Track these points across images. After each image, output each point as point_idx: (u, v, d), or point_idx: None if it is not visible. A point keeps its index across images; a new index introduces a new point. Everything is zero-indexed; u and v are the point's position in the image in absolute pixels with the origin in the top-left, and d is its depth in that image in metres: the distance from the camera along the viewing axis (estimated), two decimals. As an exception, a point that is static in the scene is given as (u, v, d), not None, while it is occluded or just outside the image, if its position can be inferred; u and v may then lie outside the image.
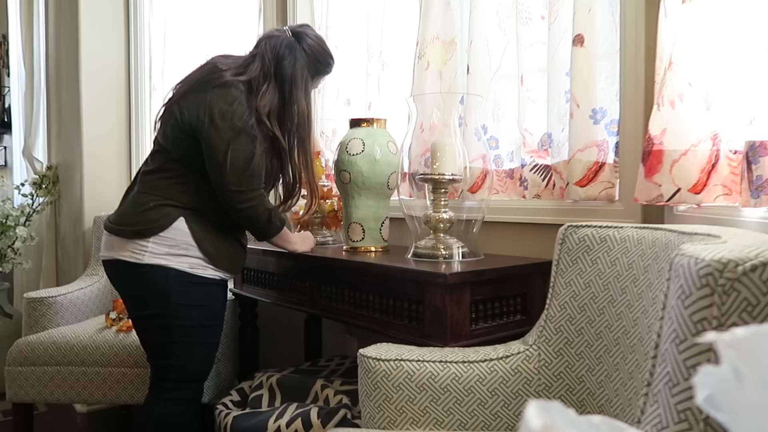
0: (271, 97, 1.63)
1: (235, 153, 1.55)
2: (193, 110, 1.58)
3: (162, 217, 1.59)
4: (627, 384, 1.12)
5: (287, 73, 1.65)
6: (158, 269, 1.59)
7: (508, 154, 1.83)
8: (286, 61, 1.65)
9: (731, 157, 1.24)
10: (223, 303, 1.75)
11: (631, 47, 1.47)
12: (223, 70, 1.63)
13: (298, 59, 1.67)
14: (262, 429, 1.63)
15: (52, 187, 3.35)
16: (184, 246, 1.61)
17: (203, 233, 1.63)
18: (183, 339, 1.63)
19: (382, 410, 1.28)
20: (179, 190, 1.62)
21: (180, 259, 1.61)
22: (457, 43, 1.92)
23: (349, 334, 2.40)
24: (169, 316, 1.60)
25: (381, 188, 1.82)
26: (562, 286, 1.30)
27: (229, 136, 1.55)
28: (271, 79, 1.64)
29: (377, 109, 2.24)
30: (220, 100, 1.57)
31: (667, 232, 1.08)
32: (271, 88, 1.64)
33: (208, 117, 1.55)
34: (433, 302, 1.41)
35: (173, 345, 1.63)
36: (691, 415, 0.70)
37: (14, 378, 2.15)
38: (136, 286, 1.63)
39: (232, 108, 1.56)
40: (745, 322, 0.70)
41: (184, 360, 1.64)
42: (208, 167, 1.59)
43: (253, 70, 1.64)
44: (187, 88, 1.64)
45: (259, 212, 1.63)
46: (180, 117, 1.59)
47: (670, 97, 1.26)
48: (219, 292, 1.72)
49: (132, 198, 1.67)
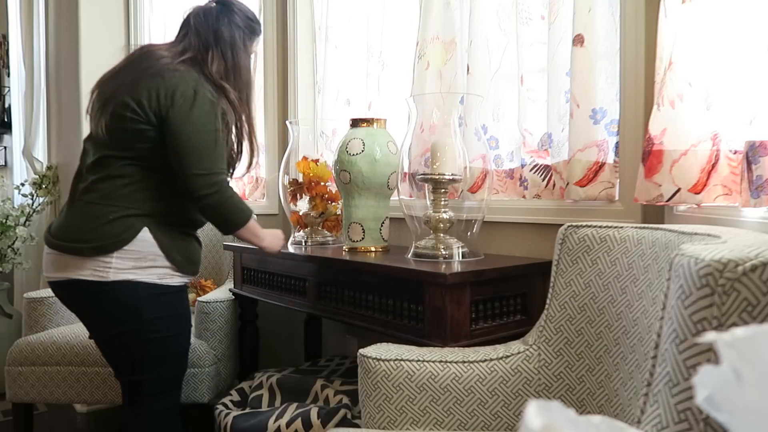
0: (218, 63, 1.60)
1: (199, 133, 1.49)
2: (150, 99, 1.48)
3: (125, 230, 1.49)
4: (627, 384, 1.12)
5: (226, 38, 1.62)
6: (126, 285, 1.50)
7: (508, 154, 1.83)
8: (223, 26, 1.62)
9: (731, 157, 1.24)
10: (189, 307, 1.69)
11: (631, 47, 1.47)
12: (164, 54, 1.57)
13: (233, 21, 1.64)
14: (262, 429, 1.63)
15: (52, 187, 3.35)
16: (152, 257, 1.53)
17: (169, 240, 1.56)
18: (158, 351, 1.57)
19: (382, 410, 1.28)
20: (139, 198, 1.52)
21: (148, 272, 1.52)
22: (457, 43, 1.92)
23: (349, 334, 2.40)
24: (144, 330, 1.53)
25: (381, 188, 1.82)
26: (562, 286, 1.30)
27: (192, 116, 1.49)
28: (213, 47, 1.60)
29: (377, 109, 2.24)
30: (179, 82, 1.50)
31: (667, 232, 1.08)
32: (216, 55, 1.60)
33: (170, 100, 1.48)
34: (433, 302, 1.41)
35: (148, 359, 1.56)
36: (691, 415, 0.70)
37: (14, 378, 2.15)
38: (102, 305, 1.52)
39: (195, 90, 1.50)
40: (745, 322, 0.70)
41: (160, 371, 1.59)
42: (170, 153, 1.50)
43: (192, 46, 1.60)
44: (133, 77, 1.53)
45: (224, 198, 1.54)
46: (138, 109, 1.48)
47: (670, 97, 1.26)
48: (185, 296, 1.66)
49: (83, 210, 1.53)
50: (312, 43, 2.61)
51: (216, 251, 2.64)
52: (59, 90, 3.37)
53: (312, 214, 2.06)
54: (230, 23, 1.64)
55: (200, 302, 2.15)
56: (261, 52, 2.73)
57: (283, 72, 2.67)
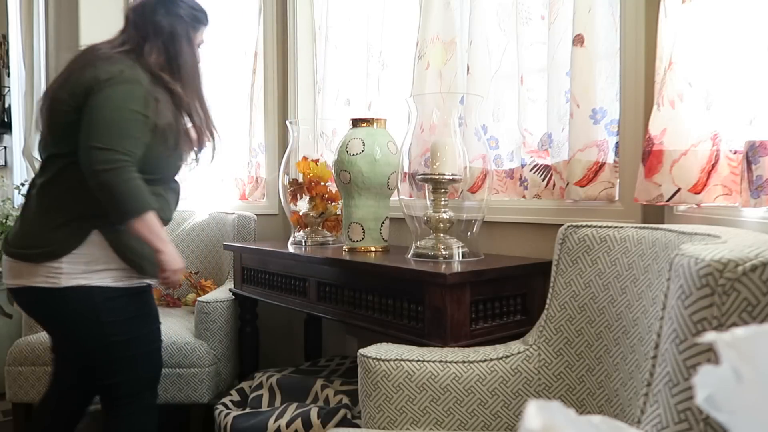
0: (157, 54, 1.57)
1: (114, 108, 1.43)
2: (80, 87, 1.46)
3: (72, 234, 1.46)
4: (627, 384, 1.12)
5: (165, 28, 1.58)
6: (79, 290, 1.46)
7: (508, 154, 1.83)
8: (159, 17, 1.58)
9: (731, 157, 1.24)
10: (155, 305, 1.65)
11: (631, 47, 1.47)
12: (102, 47, 1.56)
13: (172, 12, 1.60)
14: (262, 429, 1.63)
15: (52, 187, 3.34)
16: (104, 260, 1.48)
17: (121, 241, 1.50)
18: (124, 354, 1.53)
19: (382, 410, 1.28)
20: (86, 198, 1.45)
21: (101, 275, 1.48)
22: (457, 43, 1.92)
23: (349, 334, 2.40)
24: (104, 335, 1.50)
25: (381, 188, 1.82)
26: (562, 286, 1.30)
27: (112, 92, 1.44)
28: (151, 38, 1.57)
29: (377, 109, 2.24)
30: (106, 68, 1.47)
31: (667, 232, 1.08)
32: (154, 47, 1.57)
33: (97, 82, 1.44)
34: (433, 302, 1.41)
35: (116, 362, 1.54)
36: (691, 415, 0.70)
37: (14, 378, 2.15)
38: (59, 311, 1.49)
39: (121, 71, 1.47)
40: (745, 322, 0.70)
41: (130, 373, 1.56)
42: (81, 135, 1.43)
43: (131, 39, 1.57)
44: (67, 74, 1.52)
45: (121, 179, 1.41)
46: (69, 99, 1.46)
47: (670, 97, 1.26)
48: (149, 297, 1.61)
49: (33, 216, 1.50)
50: (312, 43, 2.61)
51: (216, 251, 2.64)
52: (59, 90, 3.36)
53: (312, 214, 2.06)
54: (169, 14, 1.59)
55: (200, 302, 2.15)
56: (261, 52, 2.73)
57: (283, 72, 2.67)
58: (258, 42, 2.75)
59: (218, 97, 2.89)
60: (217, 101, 2.89)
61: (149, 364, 1.62)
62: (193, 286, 2.55)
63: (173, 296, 2.59)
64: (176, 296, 2.60)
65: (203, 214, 2.70)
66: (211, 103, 1.72)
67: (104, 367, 1.56)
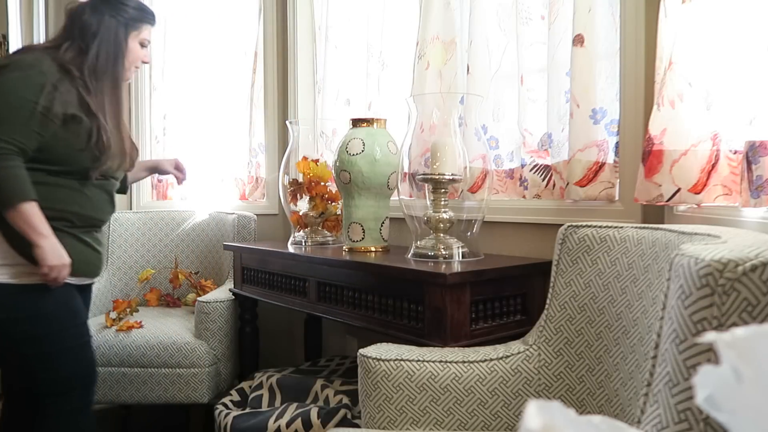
0: (74, 51, 1.56)
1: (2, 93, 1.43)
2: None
3: None
4: (627, 384, 1.12)
5: (89, 26, 1.58)
6: None
7: (508, 154, 1.83)
8: (86, 15, 1.58)
9: (731, 157, 1.24)
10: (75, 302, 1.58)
11: (631, 47, 1.47)
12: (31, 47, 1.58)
13: (99, 11, 1.59)
14: (262, 429, 1.63)
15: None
16: (1, 255, 1.47)
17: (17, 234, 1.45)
18: (34, 353, 1.50)
19: (382, 410, 1.28)
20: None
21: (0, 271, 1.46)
22: (457, 43, 1.92)
23: (349, 334, 2.40)
24: (7, 333, 1.47)
25: (381, 188, 1.82)
26: (562, 286, 1.30)
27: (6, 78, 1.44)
28: (74, 38, 1.58)
29: (377, 109, 2.24)
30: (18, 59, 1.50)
31: (667, 232, 1.08)
32: (74, 44, 1.57)
33: None
34: (433, 302, 1.41)
35: (30, 360, 1.50)
36: (691, 415, 0.70)
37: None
38: None
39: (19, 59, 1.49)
40: (745, 322, 0.70)
41: (51, 372, 1.52)
42: None
43: (58, 38, 1.60)
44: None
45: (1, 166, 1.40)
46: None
47: (670, 97, 1.26)
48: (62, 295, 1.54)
49: None
50: (312, 43, 2.61)
51: (216, 251, 2.64)
52: (59, 90, 3.36)
53: (312, 214, 2.06)
54: (97, 13, 1.59)
55: (200, 302, 2.15)
56: (261, 52, 2.73)
57: (283, 72, 2.67)
58: (258, 42, 2.75)
59: (218, 97, 2.90)
60: (217, 101, 2.90)
61: (69, 364, 1.55)
62: (193, 286, 2.55)
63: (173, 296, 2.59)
64: (176, 296, 2.60)
65: (203, 214, 2.71)
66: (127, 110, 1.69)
67: (17, 368, 1.53)
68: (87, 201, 1.58)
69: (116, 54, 1.62)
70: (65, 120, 1.50)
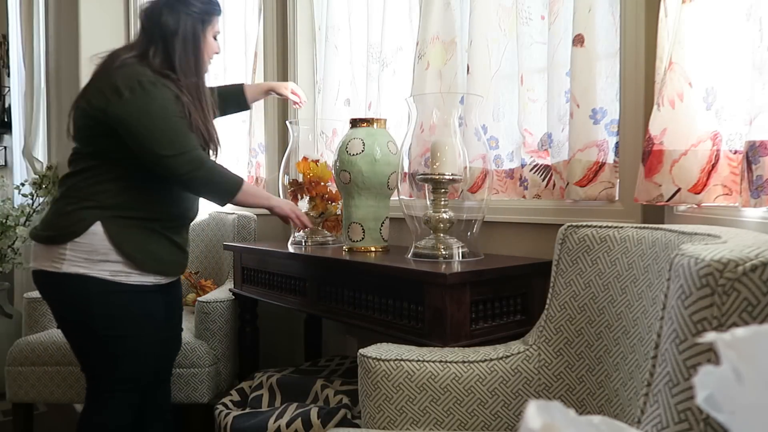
0: (161, 56, 1.61)
1: (150, 116, 1.51)
2: (98, 95, 1.54)
3: (75, 222, 1.53)
4: (627, 384, 1.12)
5: (168, 28, 1.61)
6: (77, 278, 1.52)
7: (508, 154, 1.83)
8: (164, 17, 1.61)
9: (731, 157, 1.24)
10: (157, 309, 1.67)
11: (631, 47, 1.47)
12: (120, 54, 1.62)
13: (176, 10, 1.62)
14: (262, 429, 1.63)
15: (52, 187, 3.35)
16: (103, 251, 1.54)
17: (125, 235, 1.56)
18: (112, 349, 1.58)
19: (382, 410, 1.28)
20: (98, 190, 1.56)
21: (100, 266, 1.54)
22: (457, 43, 1.92)
23: (349, 334, 2.40)
24: (95, 326, 1.55)
25: (381, 188, 1.82)
26: (562, 286, 1.30)
27: (140, 103, 1.51)
28: (157, 41, 1.62)
29: (377, 109, 2.24)
30: (125, 77, 1.54)
31: (667, 232, 1.08)
32: (159, 49, 1.62)
33: (116, 95, 1.51)
34: (433, 302, 1.41)
35: (103, 355, 1.58)
36: (691, 415, 0.70)
37: (14, 378, 2.15)
38: (58, 297, 1.58)
39: (139, 80, 1.53)
40: (745, 322, 0.70)
41: (116, 369, 1.59)
42: (134, 147, 1.53)
43: (141, 43, 1.64)
44: (89, 82, 1.62)
45: (209, 170, 1.55)
46: (88, 106, 1.56)
47: (670, 97, 1.26)
48: (150, 298, 1.63)
49: (52, 205, 1.63)
50: (312, 43, 2.61)
51: (216, 251, 2.64)
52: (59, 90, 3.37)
53: (312, 214, 2.06)
54: (174, 12, 1.62)
55: (200, 302, 2.15)
56: (261, 52, 2.73)
57: (283, 72, 2.67)
58: (258, 42, 2.75)
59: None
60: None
61: (134, 365, 1.62)
62: (193, 286, 2.55)
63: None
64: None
65: (203, 214, 2.70)
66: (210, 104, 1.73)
67: (90, 357, 1.61)
68: (176, 199, 1.66)
69: (197, 50, 1.66)
70: None
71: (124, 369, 1.60)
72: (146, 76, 1.54)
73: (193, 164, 1.53)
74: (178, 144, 1.52)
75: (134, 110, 1.51)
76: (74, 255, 1.53)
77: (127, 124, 1.51)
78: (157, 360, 1.70)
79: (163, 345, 1.72)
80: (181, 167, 1.52)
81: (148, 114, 1.51)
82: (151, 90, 1.53)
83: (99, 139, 1.57)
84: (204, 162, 1.55)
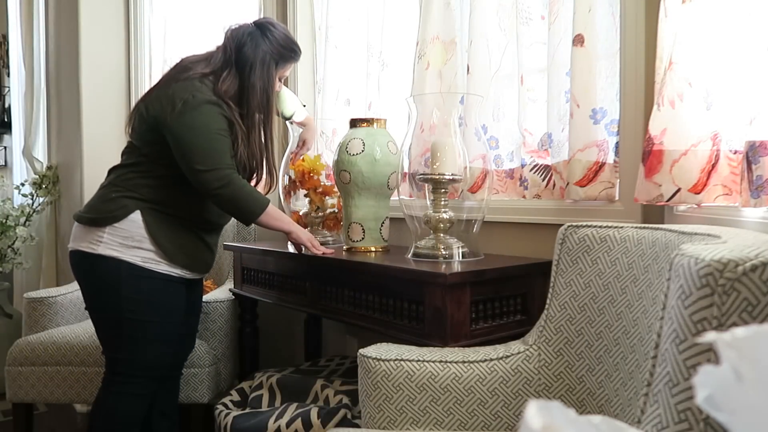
0: (231, 82, 1.68)
1: (200, 134, 1.59)
2: (157, 104, 1.63)
3: (118, 208, 1.63)
4: (627, 384, 1.12)
5: (247, 59, 1.69)
6: (111, 261, 1.62)
7: (508, 154, 1.83)
8: (246, 47, 1.69)
9: (731, 157, 1.24)
10: (180, 302, 1.74)
11: (631, 47, 1.47)
12: (191, 68, 1.68)
13: (259, 45, 1.70)
14: (262, 429, 1.63)
15: (52, 187, 3.35)
16: (138, 238, 1.63)
17: (160, 227, 1.65)
18: (134, 333, 1.65)
19: (382, 410, 1.28)
20: (141, 183, 1.66)
21: (133, 252, 1.63)
22: (457, 43, 1.92)
23: (349, 334, 2.40)
24: (120, 308, 1.63)
25: (381, 188, 1.82)
26: (562, 286, 1.30)
27: (187, 118, 1.59)
28: (232, 66, 1.69)
29: (377, 109, 2.24)
30: (182, 90, 1.62)
31: (667, 232, 1.08)
32: (231, 74, 1.69)
33: (170, 106, 1.60)
34: (433, 302, 1.41)
35: (124, 338, 1.65)
36: (691, 415, 0.70)
37: (14, 378, 2.15)
38: (90, 277, 1.67)
39: (193, 95, 1.60)
40: (745, 322, 0.70)
41: (135, 354, 1.66)
42: (176, 157, 1.62)
43: (216, 61, 1.70)
44: (155, 86, 1.72)
45: (237, 188, 1.62)
46: (145, 112, 1.66)
47: (670, 97, 1.26)
48: (175, 289, 1.72)
49: (99, 191, 1.73)
50: (312, 43, 2.62)
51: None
52: (59, 90, 3.37)
53: (312, 214, 2.06)
54: (256, 46, 1.70)
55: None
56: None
57: (283, 72, 2.67)
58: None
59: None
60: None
61: (153, 353, 1.69)
62: (193, 286, 2.54)
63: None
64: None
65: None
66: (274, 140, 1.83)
67: (112, 339, 1.68)
68: (210, 206, 1.72)
69: (267, 89, 1.74)
70: None
71: (142, 355, 1.66)
72: (201, 93, 1.62)
73: (221, 181, 1.59)
74: (211, 160, 1.59)
75: (181, 124, 1.59)
76: (111, 239, 1.62)
77: (173, 135, 1.60)
78: (172, 353, 1.76)
79: (179, 339, 1.79)
80: (210, 182, 1.59)
81: (192, 129, 1.59)
82: (201, 106, 1.60)
83: (150, 142, 1.66)
84: (232, 180, 1.61)
